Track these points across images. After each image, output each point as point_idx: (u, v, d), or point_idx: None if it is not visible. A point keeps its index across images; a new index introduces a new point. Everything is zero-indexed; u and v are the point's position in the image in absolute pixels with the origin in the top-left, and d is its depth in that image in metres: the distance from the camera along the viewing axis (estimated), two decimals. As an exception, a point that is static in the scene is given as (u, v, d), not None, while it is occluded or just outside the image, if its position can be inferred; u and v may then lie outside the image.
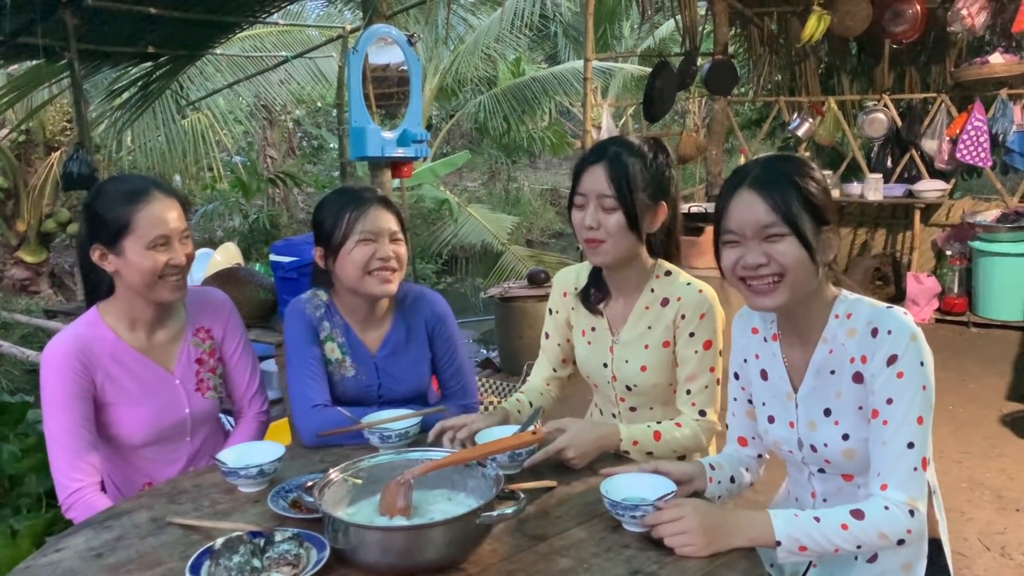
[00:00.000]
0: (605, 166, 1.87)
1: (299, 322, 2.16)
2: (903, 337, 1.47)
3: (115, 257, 1.93)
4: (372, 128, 3.43)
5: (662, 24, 12.86)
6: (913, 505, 1.44)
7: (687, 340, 1.95)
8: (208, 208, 11.07)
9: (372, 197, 2.13)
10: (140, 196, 1.92)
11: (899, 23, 6.71)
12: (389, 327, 2.22)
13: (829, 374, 1.57)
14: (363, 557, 1.39)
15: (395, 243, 2.10)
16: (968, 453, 4.28)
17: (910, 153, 7.02)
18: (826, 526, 1.43)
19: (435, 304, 2.29)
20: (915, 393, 1.46)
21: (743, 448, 1.82)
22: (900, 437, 1.46)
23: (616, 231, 1.87)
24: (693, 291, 1.96)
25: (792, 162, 1.56)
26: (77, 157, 4.51)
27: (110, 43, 5.28)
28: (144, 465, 2.07)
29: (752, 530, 1.43)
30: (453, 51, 12.37)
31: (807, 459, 1.65)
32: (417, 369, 2.24)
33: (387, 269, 2.07)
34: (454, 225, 10.58)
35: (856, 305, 1.55)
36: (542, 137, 14.90)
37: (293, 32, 10.08)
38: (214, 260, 4.22)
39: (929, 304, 6.66)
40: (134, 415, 2.00)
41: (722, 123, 7.30)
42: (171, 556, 1.47)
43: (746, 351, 1.74)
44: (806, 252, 1.48)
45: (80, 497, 1.88)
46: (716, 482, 1.71)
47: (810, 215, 1.49)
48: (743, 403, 1.79)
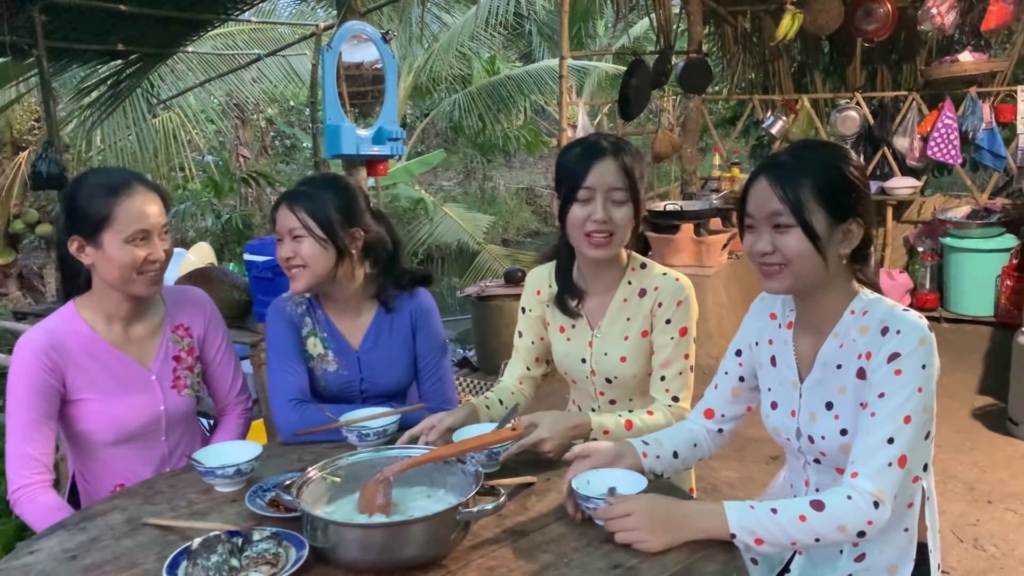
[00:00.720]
0: (614, 159, 1.88)
1: (279, 320, 2.18)
2: (911, 338, 1.46)
3: (93, 250, 1.90)
4: (347, 126, 3.40)
5: (636, 23, 12.89)
6: (879, 497, 1.42)
7: (663, 327, 1.97)
8: (180, 208, 10.96)
9: (281, 199, 2.12)
10: (121, 189, 1.89)
11: (870, 22, 6.77)
12: (372, 320, 2.22)
13: (836, 368, 1.57)
14: (342, 555, 1.39)
15: (296, 241, 2.05)
16: (940, 447, 4.28)
17: (882, 151, 7.09)
18: (783, 517, 1.42)
19: (420, 297, 2.27)
20: (910, 393, 1.45)
21: (706, 420, 1.82)
22: (882, 431, 1.45)
23: (624, 224, 1.90)
24: (670, 280, 1.99)
25: (819, 150, 1.57)
26: (46, 156, 4.44)
27: (79, 40, 5.21)
28: (116, 465, 2.02)
29: (705, 522, 1.43)
30: (427, 49, 12.34)
31: (804, 448, 1.65)
32: (399, 362, 2.22)
33: (290, 267, 2.08)
34: (429, 224, 10.56)
35: (874, 304, 1.55)
36: (517, 136, 14.91)
37: (265, 30, 10.00)
38: (187, 260, 4.18)
39: (901, 300, 6.71)
40: (107, 411, 1.96)
41: (697, 121, 7.33)
42: (147, 557, 1.45)
43: (760, 334, 1.74)
44: (811, 245, 1.49)
45: (26, 493, 1.85)
46: (655, 457, 1.69)
47: (825, 207, 1.49)
48: (732, 380, 1.79)
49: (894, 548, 1.59)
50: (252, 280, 3.63)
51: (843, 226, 1.52)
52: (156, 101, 8.28)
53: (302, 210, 2.05)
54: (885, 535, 1.58)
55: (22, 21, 4.37)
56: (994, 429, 4.50)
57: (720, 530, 1.42)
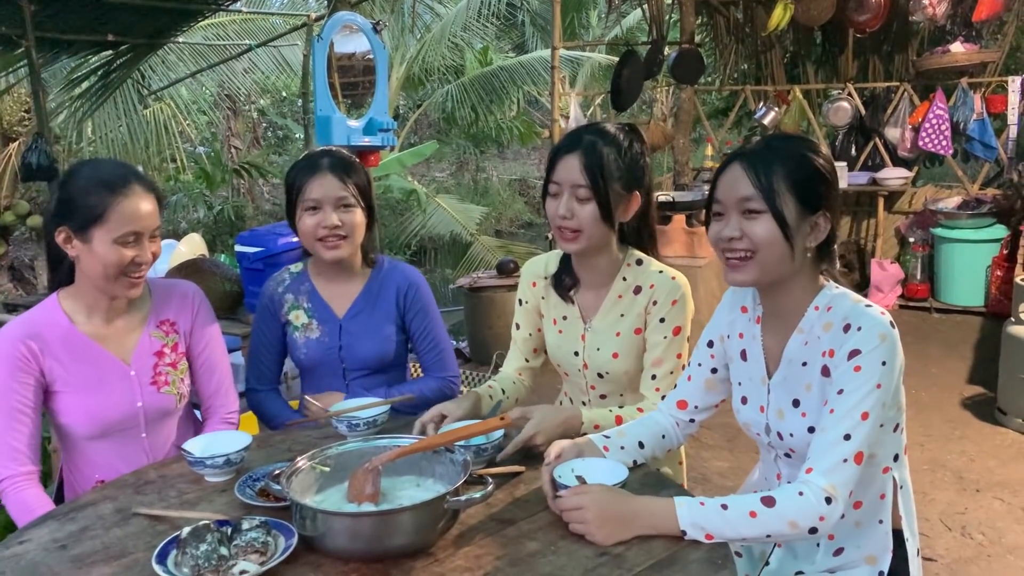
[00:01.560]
0: (580, 156, 1.86)
1: (260, 304, 2.33)
2: (871, 335, 1.46)
3: (80, 243, 1.87)
4: (338, 117, 3.40)
5: (630, 13, 12.87)
6: (832, 493, 1.42)
7: (657, 325, 1.97)
8: (172, 200, 10.92)
9: (321, 171, 2.21)
10: (119, 187, 1.86)
11: (862, 12, 6.78)
12: (359, 292, 2.29)
13: (801, 365, 1.57)
14: (331, 543, 1.39)
15: (344, 210, 2.18)
16: (930, 436, 4.36)
17: (874, 141, 7.11)
18: (733, 514, 1.42)
19: (408, 273, 2.34)
20: (869, 390, 1.44)
21: (678, 411, 1.81)
22: (839, 427, 1.45)
23: (589, 221, 1.87)
24: (666, 278, 1.98)
25: (792, 142, 1.56)
26: (36, 147, 4.42)
27: (69, 31, 5.17)
28: (96, 459, 2.00)
29: (655, 518, 1.43)
30: (420, 40, 12.30)
31: (774, 444, 1.66)
32: (380, 331, 2.27)
33: (335, 235, 2.17)
34: (422, 216, 10.54)
35: (838, 299, 1.54)
36: (510, 127, 14.88)
37: (257, 20, 9.94)
38: (178, 251, 4.18)
39: (893, 291, 6.76)
40: (83, 404, 1.94)
41: (689, 112, 7.33)
42: (137, 546, 1.46)
43: (731, 327, 1.74)
44: (780, 232, 1.48)
45: (10, 486, 1.85)
46: (618, 448, 1.69)
47: (796, 197, 1.49)
48: (705, 372, 1.79)
49: (871, 540, 1.60)
50: (243, 271, 3.64)
51: (812, 218, 1.51)
52: (147, 92, 8.24)
53: (349, 179, 2.16)
54: (860, 528, 1.60)
55: (10, 11, 4.34)
56: (983, 418, 4.53)
57: (670, 526, 1.42)
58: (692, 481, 3.92)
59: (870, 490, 1.59)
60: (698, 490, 3.82)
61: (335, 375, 2.30)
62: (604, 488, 1.49)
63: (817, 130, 7.41)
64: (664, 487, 1.65)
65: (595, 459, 1.62)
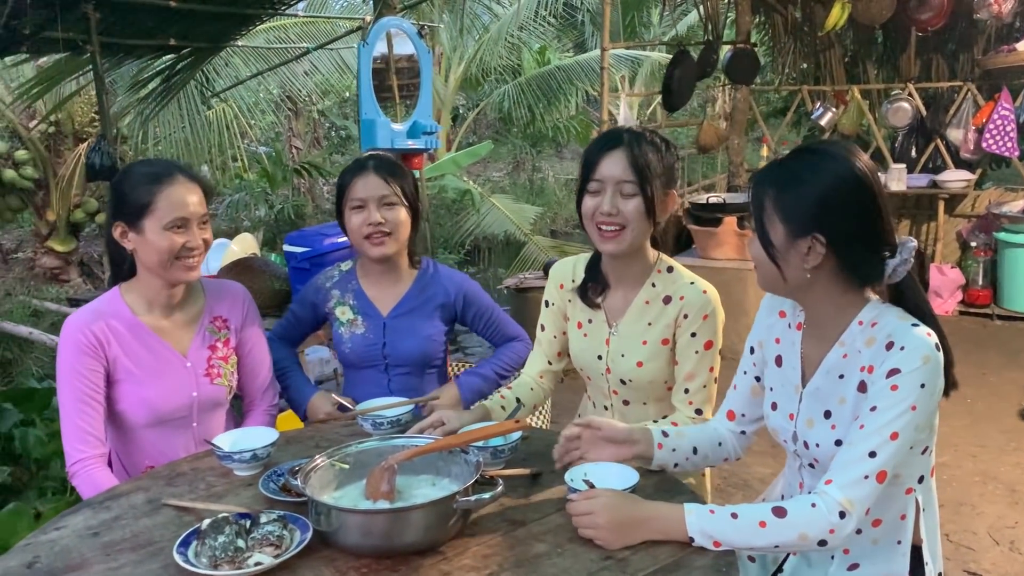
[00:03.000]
0: (624, 151, 1.87)
1: (306, 288, 2.49)
2: (914, 356, 1.42)
3: (135, 235, 1.99)
4: (382, 120, 3.47)
5: (690, 11, 12.74)
6: (847, 508, 1.40)
7: (688, 340, 1.95)
8: (235, 198, 11.20)
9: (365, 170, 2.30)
10: (163, 178, 1.99)
11: (924, 11, 6.62)
12: (404, 293, 2.39)
13: (838, 378, 1.55)
14: (345, 539, 1.44)
15: (388, 207, 2.27)
16: (984, 447, 4.25)
17: (935, 143, 6.93)
18: (743, 523, 1.42)
19: (456, 278, 2.44)
20: (903, 410, 1.42)
21: (728, 422, 1.81)
22: (867, 443, 1.43)
23: (635, 217, 1.87)
24: (697, 291, 1.96)
25: (792, 164, 1.55)
26: (99, 148, 4.60)
27: (133, 36, 5.37)
28: (148, 447, 2.10)
29: (664, 524, 1.44)
30: (478, 40, 12.36)
31: (799, 452, 1.64)
32: (423, 330, 2.37)
33: (378, 232, 2.27)
34: (476, 215, 10.59)
35: (883, 315, 1.51)
36: (567, 126, 14.86)
37: (317, 23, 10.13)
38: (231, 250, 4.29)
39: (952, 296, 6.58)
40: (141, 393, 2.04)
41: (744, 112, 7.24)
42: (164, 536, 1.52)
43: (769, 331, 1.72)
44: (765, 253, 1.51)
45: (82, 467, 1.95)
46: (670, 450, 1.70)
47: (782, 220, 1.49)
48: (750, 379, 1.78)
49: (887, 560, 1.58)
50: (291, 270, 3.73)
51: (802, 241, 1.48)
52: (210, 93, 8.47)
53: (393, 179, 2.26)
54: (878, 546, 1.57)
55: (77, 18, 4.53)
56: (1041, 430, 4.40)
57: (679, 533, 1.43)
58: (733, 487, 3.89)
59: (891, 509, 1.56)
60: (738, 496, 3.79)
61: (377, 371, 2.38)
62: (615, 493, 1.50)
63: (876, 131, 7.24)
64: (679, 493, 1.66)
65: (606, 464, 1.63)
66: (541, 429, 2.08)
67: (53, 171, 8.02)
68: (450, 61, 12.84)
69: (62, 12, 4.23)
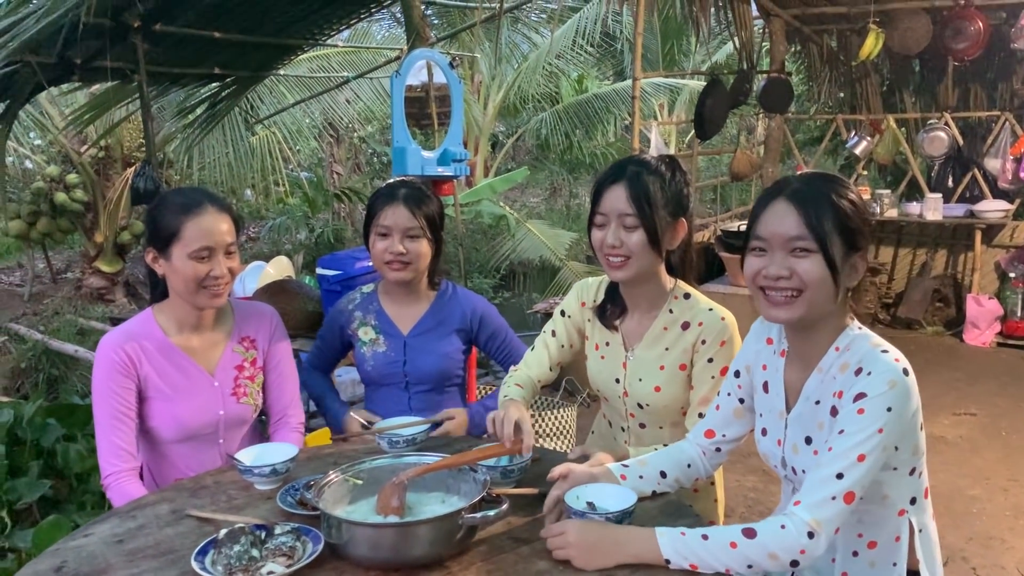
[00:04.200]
0: (625, 185, 1.89)
1: (332, 312, 2.58)
2: (880, 381, 1.46)
3: (164, 261, 2.09)
4: (412, 148, 3.56)
5: (727, 43, 12.79)
6: (815, 528, 1.42)
7: (705, 365, 1.98)
8: (276, 222, 11.44)
9: (397, 200, 2.37)
10: (192, 208, 2.07)
11: (960, 40, 6.58)
12: (423, 313, 2.47)
13: (815, 404, 1.58)
14: (354, 551, 1.50)
15: (411, 239, 2.35)
16: (1016, 480, 4.18)
17: (972, 172, 6.87)
18: (714, 544, 1.44)
19: (473, 300, 2.53)
20: (869, 434, 1.44)
21: (706, 440, 1.83)
22: (834, 465, 1.45)
23: (638, 249, 1.89)
24: (715, 318, 1.99)
25: (831, 181, 1.56)
26: (144, 173, 4.76)
27: (179, 65, 5.57)
28: (177, 462, 2.19)
29: (636, 547, 1.47)
30: (516, 69, 12.53)
31: (789, 477, 1.68)
32: (442, 348, 2.45)
33: (399, 261, 2.35)
34: (512, 240, 10.68)
35: (857, 341, 1.54)
36: (604, 153, 14.93)
37: (360, 52, 10.37)
38: (266, 272, 4.41)
39: (991, 327, 6.49)
40: (169, 410, 2.13)
41: (778, 140, 7.25)
42: (184, 545, 1.59)
43: (756, 358, 1.75)
44: (829, 273, 1.49)
45: (115, 480, 2.04)
46: (636, 478, 1.74)
47: (841, 237, 1.50)
48: (733, 401, 1.80)
49: None
50: (323, 292, 3.83)
51: (852, 258, 1.52)
52: (253, 120, 8.70)
53: (419, 211, 2.34)
54: (875, 568, 1.59)
55: (125, 48, 4.72)
56: (1077, 465, 4.32)
57: (653, 555, 1.46)
58: (759, 516, 3.88)
59: (884, 531, 1.59)
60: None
61: (398, 388, 2.46)
62: (585, 522, 1.54)
63: (912, 160, 7.20)
64: (682, 516, 1.70)
65: (605, 484, 1.67)
66: (552, 451, 2.12)
67: (102, 194, 8.28)
68: (489, 89, 13.02)
69: (112, 42, 4.42)
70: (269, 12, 5.09)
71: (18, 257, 10.59)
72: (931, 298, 7.00)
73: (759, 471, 4.24)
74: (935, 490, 4.00)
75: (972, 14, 6.45)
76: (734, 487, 4.13)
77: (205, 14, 4.90)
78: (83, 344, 5.91)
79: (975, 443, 4.73)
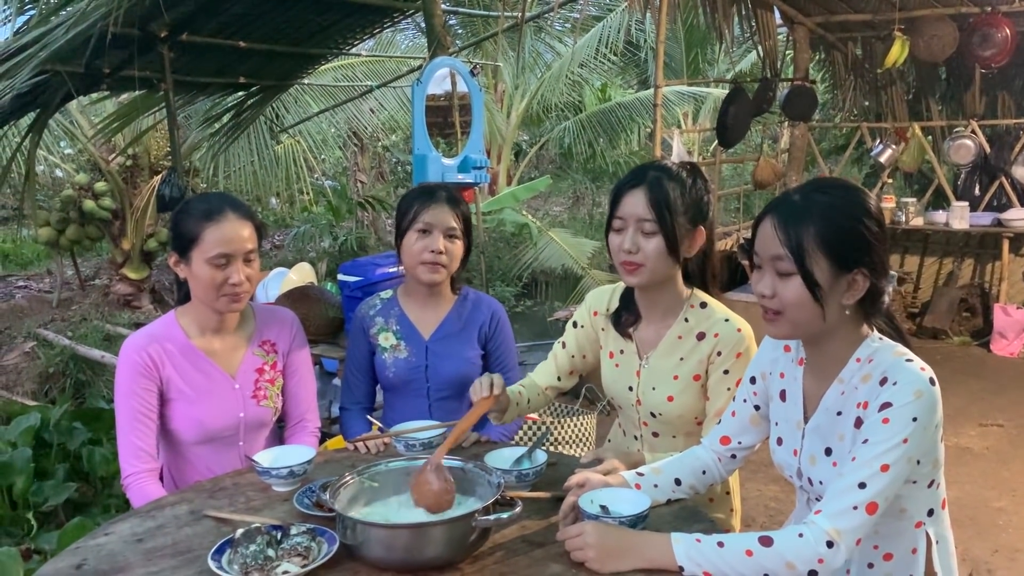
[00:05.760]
0: (645, 190, 1.88)
1: (353, 327, 2.53)
2: (906, 391, 1.43)
3: (185, 266, 2.12)
4: (433, 156, 3.58)
5: (751, 52, 12.75)
6: (834, 537, 1.40)
7: (720, 376, 1.97)
8: (301, 229, 11.53)
9: (433, 201, 2.38)
10: (213, 214, 2.10)
11: (987, 47, 6.51)
12: (445, 316, 2.47)
13: (836, 415, 1.56)
14: (369, 552, 1.51)
15: (449, 240, 2.36)
16: (1044, 494, 4.12)
17: (999, 180, 6.79)
18: (729, 552, 1.43)
19: (493, 306, 2.53)
20: (894, 444, 1.42)
21: (721, 446, 1.81)
22: (856, 474, 1.43)
23: (655, 255, 1.88)
24: (731, 329, 1.97)
25: (832, 194, 1.50)
26: (169, 181, 4.83)
27: (204, 74, 5.65)
28: (197, 463, 2.21)
29: (652, 552, 1.46)
30: (540, 78, 12.56)
31: (805, 488, 1.66)
32: (464, 353, 2.45)
33: (438, 262, 2.34)
34: (534, 249, 10.69)
35: (880, 352, 1.52)
36: (627, 162, 14.91)
37: (384, 62, 10.46)
38: (289, 279, 4.45)
39: (1019, 337, 6.40)
40: (191, 412, 2.16)
41: (802, 149, 7.21)
42: (202, 544, 1.61)
43: (773, 366, 1.73)
44: (809, 294, 1.45)
45: (134, 481, 2.07)
46: (652, 486, 1.73)
47: (830, 256, 1.45)
48: (749, 408, 1.78)
49: None
50: (344, 299, 3.85)
51: (848, 276, 1.47)
52: (278, 129, 8.79)
53: (459, 213, 2.37)
54: None
55: (152, 58, 4.80)
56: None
57: (667, 561, 1.45)
58: (779, 526, 3.84)
59: (901, 543, 1.57)
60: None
61: (419, 395, 2.46)
62: (603, 524, 1.54)
63: (938, 168, 7.13)
64: (697, 521, 1.69)
65: (619, 489, 1.67)
66: (568, 456, 2.11)
67: (129, 202, 8.38)
68: (512, 98, 13.06)
69: (139, 52, 4.49)
70: (293, 22, 5.16)
71: (47, 264, 10.75)
72: (958, 308, 6.92)
73: (780, 480, 4.21)
74: (960, 501, 3.97)
75: (999, 21, 6.39)
76: (755, 496, 4.10)
77: (230, 24, 4.98)
78: (109, 350, 5.99)
79: (1002, 454, 4.66)
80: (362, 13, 5.34)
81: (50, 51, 3.84)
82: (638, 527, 1.56)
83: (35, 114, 5.25)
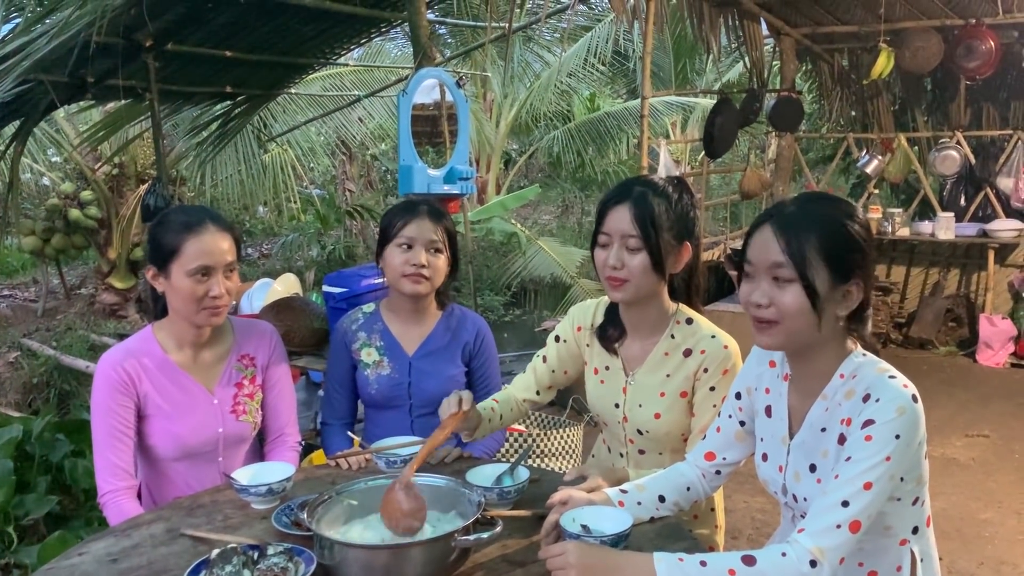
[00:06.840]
0: (630, 206, 1.86)
1: (334, 341, 2.50)
2: (888, 408, 1.43)
3: (164, 279, 2.08)
4: (419, 167, 3.56)
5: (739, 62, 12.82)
6: (817, 556, 1.39)
7: (707, 393, 1.96)
8: (288, 239, 11.50)
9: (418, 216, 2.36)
10: (192, 226, 2.06)
11: (972, 59, 6.56)
12: (429, 333, 2.44)
13: (820, 431, 1.55)
14: (347, 573, 1.49)
15: (433, 254, 2.34)
16: (1029, 506, 4.13)
17: (984, 191, 6.84)
18: (711, 571, 1.41)
19: (478, 323, 2.50)
20: (876, 461, 1.41)
21: (706, 462, 1.80)
22: (839, 493, 1.42)
23: (640, 271, 1.87)
24: (718, 346, 1.96)
25: (828, 205, 1.52)
26: (154, 190, 4.80)
27: (190, 84, 5.63)
28: (176, 480, 2.18)
29: (633, 571, 1.44)
30: (529, 87, 12.59)
31: (790, 504, 1.65)
32: (447, 371, 2.42)
33: (420, 274, 2.32)
34: (523, 258, 10.68)
35: (863, 368, 1.51)
36: (616, 171, 14.94)
37: (372, 72, 10.45)
38: (274, 289, 4.42)
39: (1004, 348, 6.43)
40: (169, 428, 2.12)
41: (788, 159, 7.24)
42: (178, 564, 1.59)
43: (759, 381, 1.72)
44: (809, 303, 1.45)
45: (111, 499, 2.04)
46: (634, 504, 1.71)
47: (829, 265, 1.46)
48: (734, 424, 1.77)
49: None
50: (329, 310, 3.83)
51: (844, 287, 1.48)
52: (266, 138, 8.76)
53: (441, 226, 2.36)
54: None
55: (137, 67, 4.77)
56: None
57: None
58: (766, 538, 3.83)
59: (885, 561, 1.56)
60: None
61: (401, 411, 2.43)
62: (585, 544, 1.52)
63: (923, 179, 7.17)
64: (679, 539, 1.68)
65: (601, 507, 1.65)
66: (552, 472, 2.10)
67: (115, 211, 8.34)
68: (501, 107, 13.08)
69: (124, 61, 4.46)
70: (279, 32, 5.15)
71: (33, 273, 10.68)
72: (944, 318, 6.94)
73: (767, 492, 4.20)
74: (946, 513, 3.97)
75: (983, 33, 6.43)
76: (742, 508, 4.09)
77: (216, 33, 4.95)
78: (94, 360, 5.94)
79: (988, 465, 4.67)
80: (348, 23, 5.33)
81: (33, 60, 3.81)
82: (619, 546, 1.55)
83: (18, 123, 5.21)
